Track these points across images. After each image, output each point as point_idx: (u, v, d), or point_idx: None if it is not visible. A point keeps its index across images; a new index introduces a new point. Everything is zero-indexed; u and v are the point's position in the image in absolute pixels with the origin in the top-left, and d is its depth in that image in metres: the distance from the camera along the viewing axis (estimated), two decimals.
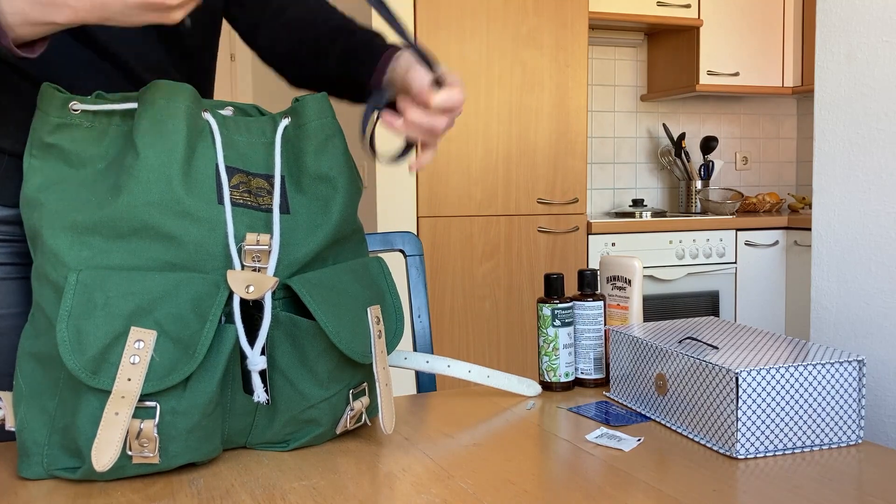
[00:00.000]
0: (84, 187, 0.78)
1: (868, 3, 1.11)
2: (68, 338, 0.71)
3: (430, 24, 2.87)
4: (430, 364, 1.00)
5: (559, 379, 1.09)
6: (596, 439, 0.87)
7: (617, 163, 3.91)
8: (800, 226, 3.42)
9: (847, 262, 1.15)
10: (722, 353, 0.89)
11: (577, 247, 3.12)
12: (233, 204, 0.80)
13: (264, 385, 0.79)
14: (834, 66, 1.17)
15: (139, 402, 0.73)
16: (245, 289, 0.77)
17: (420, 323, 1.26)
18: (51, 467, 0.76)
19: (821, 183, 1.19)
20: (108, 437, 0.71)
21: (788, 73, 3.75)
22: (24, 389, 0.77)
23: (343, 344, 0.80)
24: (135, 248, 0.76)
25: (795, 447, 0.85)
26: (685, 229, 3.30)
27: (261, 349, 0.77)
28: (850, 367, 0.86)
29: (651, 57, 3.89)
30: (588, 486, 0.74)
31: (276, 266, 0.80)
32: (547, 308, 1.08)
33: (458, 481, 0.76)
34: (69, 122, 0.80)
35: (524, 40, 3.00)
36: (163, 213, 0.76)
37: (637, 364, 0.99)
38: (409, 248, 1.30)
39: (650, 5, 3.46)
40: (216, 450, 0.80)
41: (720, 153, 4.09)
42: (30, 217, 0.79)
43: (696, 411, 0.88)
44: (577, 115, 3.09)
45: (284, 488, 0.75)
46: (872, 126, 1.11)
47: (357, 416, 0.88)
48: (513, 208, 3.02)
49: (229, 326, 0.76)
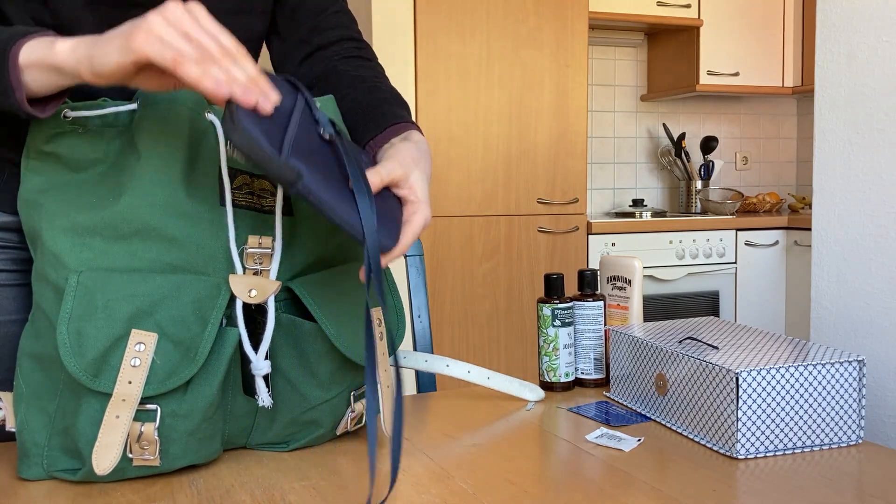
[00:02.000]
0: (85, 189, 0.78)
1: (868, 3, 1.11)
2: (69, 340, 0.71)
3: (430, 24, 2.87)
4: (428, 363, 1.00)
5: (559, 379, 1.09)
6: (596, 439, 0.87)
7: (617, 163, 3.90)
8: (800, 226, 3.42)
9: (847, 262, 1.15)
10: (722, 353, 0.89)
11: (577, 247, 3.12)
12: (235, 206, 0.80)
13: (268, 389, 0.79)
14: (834, 66, 1.17)
15: (140, 405, 0.72)
16: (248, 293, 0.77)
17: (420, 323, 1.26)
18: (51, 468, 0.76)
19: (821, 183, 1.19)
20: (109, 441, 0.71)
21: (788, 73, 3.75)
22: (24, 390, 0.77)
23: (344, 346, 0.80)
24: (136, 250, 0.76)
25: (795, 447, 0.85)
26: (685, 229, 3.30)
27: (265, 354, 0.77)
28: (850, 367, 0.86)
29: (651, 57, 3.89)
30: (588, 486, 0.74)
31: (278, 269, 0.80)
32: (547, 308, 1.08)
33: (458, 481, 0.76)
34: (63, 131, 0.79)
35: (524, 40, 3.00)
36: (164, 215, 0.76)
37: (637, 364, 0.99)
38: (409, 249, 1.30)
39: (650, 5, 3.46)
40: (217, 451, 0.80)
41: (720, 153, 4.09)
42: (29, 218, 0.79)
43: (697, 411, 0.88)
44: (577, 115, 3.09)
45: (284, 488, 0.75)
46: (872, 126, 1.11)
47: (358, 417, 0.88)
48: (513, 208, 3.02)
49: (230, 329, 0.76)
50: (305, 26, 1.02)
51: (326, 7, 1.04)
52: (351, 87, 0.98)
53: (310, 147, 0.71)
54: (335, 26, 1.04)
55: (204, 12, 0.69)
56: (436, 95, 2.89)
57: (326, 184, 0.69)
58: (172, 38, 0.66)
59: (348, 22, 1.06)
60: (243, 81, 0.67)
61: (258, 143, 0.63)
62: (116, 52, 0.67)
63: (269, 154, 0.64)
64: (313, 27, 1.03)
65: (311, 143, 0.72)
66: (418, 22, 2.86)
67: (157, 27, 0.66)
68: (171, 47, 0.66)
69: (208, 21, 0.68)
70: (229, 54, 0.68)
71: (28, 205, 0.79)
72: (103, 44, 0.68)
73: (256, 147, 0.63)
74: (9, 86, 0.71)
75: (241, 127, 0.63)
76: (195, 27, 0.67)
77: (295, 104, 0.75)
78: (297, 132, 0.70)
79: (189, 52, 0.66)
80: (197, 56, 0.66)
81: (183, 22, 0.67)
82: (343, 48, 1.04)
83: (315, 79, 1.03)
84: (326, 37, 1.03)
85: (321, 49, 1.03)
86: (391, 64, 2.85)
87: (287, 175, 0.65)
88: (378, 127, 0.90)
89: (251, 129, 0.63)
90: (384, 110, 0.92)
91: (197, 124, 0.81)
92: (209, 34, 0.68)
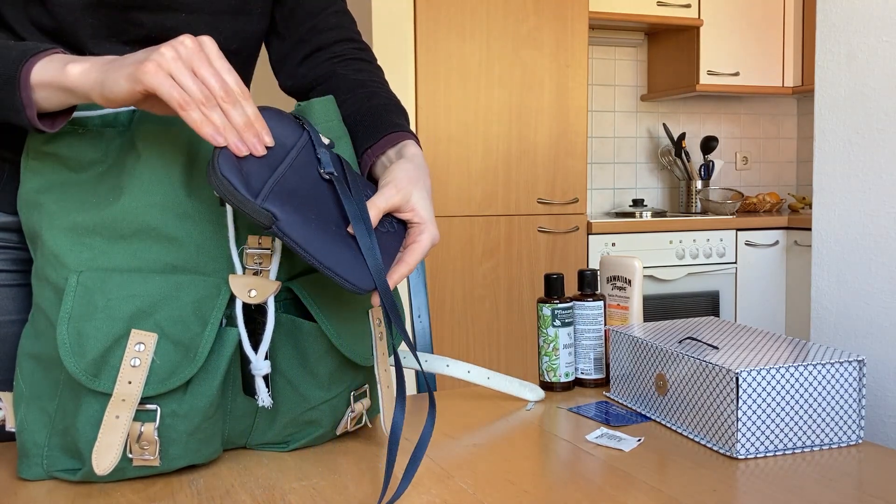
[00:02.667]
0: (84, 189, 0.78)
1: (868, 3, 1.11)
2: (69, 340, 0.71)
3: (430, 24, 2.87)
4: (428, 363, 1.00)
5: (559, 379, 1.09)
6: (596, 439, 0.87)
7: (617, 163, 3.91)
8: (800, 226, 3.42)
9: (847, 262, 1.15)
10: (722, 353, 0.89)
11: (577, 247, 3.12)
12: None
13: (268, 389, 0.79)
14: (834, 66, 1.17)
15: (140, 405, 0.72)
16: (247, 293, 0.77)
17: (420, 323, 1.26)
18: (50, 468, 0.76)
19: (821, 183, 1.19)
20: (109, 441, 0.71)
21: (788, 73, 3.75)
22: (24, 390, 0.77)
23: (344, 346, 0.80)
24: (136, 250, 0.76)
25: (795, 447, 0.85)
26: (685, 229, 3.30)
27: (265, 354, 0.77)
28: (850, 367, 0.86)
29: (651, 57, 3.89)
30: (588, 486, 0.74)
31: (278, 269, 0.80)
32: (547, 308, 1.08)
33: (458, 481, 0.76)
34: (63, 131, 0.79)
35: (524, 40, 3.00)
36: (164, 215, 0.76)
37: (637, 364, 0.99)
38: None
39: (650, 5, 3.46)
40: (216, 451, 0.80)
41: (720, 153, 4.09)
42: (29, 218, 0.79)
43: (697, 411, 0.88)
44: (577, 115, 3.09)
45: (284, 488, 0.75)
46: (872, 126, 1.11)
47: (358, 417, 0.88)
48: (513, 208, 3.02)
49: (230, 329, 0.76)
50: (304, 26, 1.02)
51: (326, 7, 1.04)
52: (350, 93, 0.98)
53: (303, 186, 0.74)
54: (334, 27, 1.04)
55: (214, 48, 0.71)
56: (436, 95, 2.89)
57: (307, 227, 0.71)
58: (181, 76, 0.68)
59: (348, 22, 1.06)
60: (241, 126, 0.71)
61: (233, 186, 0.68)
62: (126, 81, 0.69)
63: (241, 198, 0.68)
64: (312, 27, 1.02)
65: (306, 182, 0.75)
66: (418, 22, 2.86)
67: (168, 62, 0.68)
68: (177, 88, 0.68)
69: (217, 58, 0.71)
70: (231, 97, 0.70)
71: (28, 205, 0.79)
72: (114, 71, 0.70)
73: (231, 190, 0.68)
74: (20, 104, 0.72)
75: (218, 173, 0.68)
76: (204, 65, 0.69)
77: (297, 142, 0.77)
78: (286, 173, 0.73)
79: (194, 95, 0.68)
80: (200, 99, 0.69)
81: (192, 58, 0.69)
82: (342, 49, 1.03)
83: (314, 81, 1.03)
84: (325, 37, 1.03)
85: (320, 50, 1.03)
86: (391, 64, 2.85)
87: (261, 218, 0.69)
88: (375, 136, 0.91)
89: (228, 174, 0.68)
90: (382, 118, 0.93)
91: None
92: (215, 74, 0.70)
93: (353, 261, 0.73)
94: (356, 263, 0.73)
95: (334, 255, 0.72)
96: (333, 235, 0.73)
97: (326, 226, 0.73)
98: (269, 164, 0.72)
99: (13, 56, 0.73)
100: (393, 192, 0.80)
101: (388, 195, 0.79)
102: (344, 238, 0.74)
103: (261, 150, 0.72)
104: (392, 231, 0.81)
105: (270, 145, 0.73)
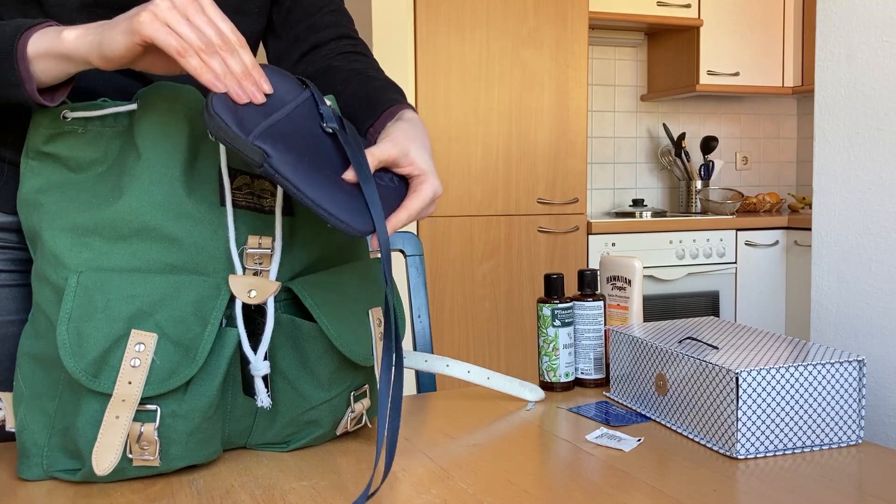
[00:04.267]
0: (84, 189, 0.78)
1: (868, 3, 1.11)
2: (69, 340, 0.71)
3: (430, 24, 2.87)
4: (428, 363, 1.00)
5: (559, 379, 1.09)
6: (596, 439, 0.87)
7: (617, 163, 3.91)
8: (800, 226, 3.42)
9: (847, 262, 1.15)
10: (722, 353, 0.89)
11: (577, 247, 3.12)
12: (235, 206, 0.80)
13: (267, 389, 0.79)
14: (834, 66, 1.17)
15: (140, 406, 0.72)
16: (247, 293, 0.77)
17: (420, 323, 1.26)
18: (50, 469, 0.76)
19: (821, 183, 1.19)
20: (109, 442, 0.71)
21: (788, 73, 3.75)
22: (24, 390, 0.77)
23: (344, 346, 0.80)
24: (136, 250, 0.76)
25: (795, 447, 0.85)
26: (685, 229, 3.30)
27: (264, 354, 0.77)
28: (850, 367, 0.86)
29: (651, 57, 3.89)
30: (588, 486, 0.74)
31: (278, 269, 0.80)
32: (547, 308, 1.08)
33: (458, 481, 0.76)
34: (62, 131, 0.79)
35: (524, 40, 3.00)
36: (164, 215, 0.76)
37: (637, 364, 0.99)
38: (409, 248, 1.30)
39: (650, 5, 3.46)
40: (216, 452, 0.80)
41: (720, 153, 4.09)
42: (29, 218, 0.79)
43: (697, 411, 0.88)
44: (577, 115, 3.09)
45: (284, 488, 0.75)
46: (872, 126, 1.11)
47: (358, 417, 0.88)
48: (513, 208, 3.02)
49: (230, 330, 0.76)
50: (301, 25, 1.03)
51: (322, 6, 1.04)
52: (346, 82, 0.98)
53: (298, 134, 0.73)
54: (330, 25, 1.04)
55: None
56: (435, 95, 2.89)
57: (300, 166, 0.71)
58: (177, 24, 0.69)
59: (344, 20, 1.06)
60: (239, 74, 0.71)
61: (225, 124, 0.68)
62: (123, 35, 0.69)
63: (233, 134, 0.68)
64: (308, 26, 1.03)
65: (301, 131, 0.74)
66: (418, 22, 2.86)
67: (163, 12, 0.69)
68: (175, 35, 0.69)
69: (211, 7, 0.71)
70: (228, 45, 0.71)
71: (28, 205, 0.79)
72: (110, 29, 0.70)
73: (223, 127, 0.68)
74: (19, 78, 0.72)
75: (211, 110, 0.68)
76: (198, 13, 0.70)
77: (297, 97, 0.77)
78: (282, 119, 0.73)
79: (192, 42, 0.69)
80: (199, 46, 0.69)
81: (187, 7, 0.70)
82: (338, 46, 1.04)
83: (311, 76, 1.03)
84: (322, 35, 1.03)
85: (317, 48, 1.03)
86: (391, 64, 2.85)
87: (253, 155, 0.68)
88: (374, 114, 0.91)
89: (221, 112, 0.68)
90: (379, 97, 0.93)
91: (197, 124, 0.81)
92: (211, 22, 0.70)
93: (350, 202, 0.72)
94: (353, 205, 0.72)
95: (329, 196, 0.71)
96: (328, 178, 0.73)
97: (321, 170, 0.73)
98: (265, 112, 0.73)
99: (7, 32, 0.73)
100: (390, 146, 0.80)
101: (385, 147, 0.79)
102: (340, 182, 0.73)
103: (260, 98, 0.72)
104: (392, 186, 0.80)
105: (269, 92, 0.74)
